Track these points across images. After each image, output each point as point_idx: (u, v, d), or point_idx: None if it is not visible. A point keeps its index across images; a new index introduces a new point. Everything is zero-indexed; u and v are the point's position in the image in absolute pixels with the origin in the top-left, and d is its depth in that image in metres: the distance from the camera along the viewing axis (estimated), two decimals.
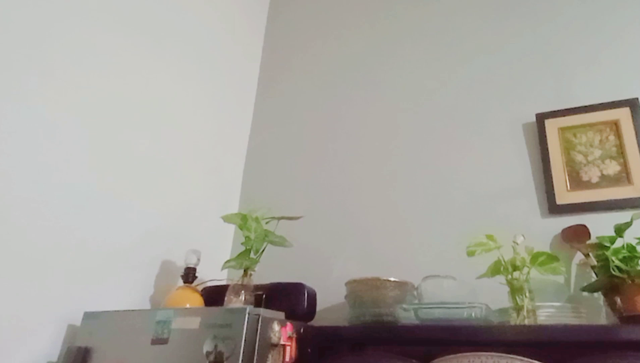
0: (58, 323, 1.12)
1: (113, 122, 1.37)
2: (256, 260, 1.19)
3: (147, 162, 1.48)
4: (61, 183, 1.20)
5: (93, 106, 1.32)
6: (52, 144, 1.19)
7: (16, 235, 1.08)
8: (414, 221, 1.60)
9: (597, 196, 1.41)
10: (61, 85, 1.23)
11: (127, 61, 1.45)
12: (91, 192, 1.28)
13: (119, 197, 1.36)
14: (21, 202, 1.10)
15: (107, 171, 1.33)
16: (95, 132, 1.31)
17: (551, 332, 1.04)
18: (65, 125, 1.23)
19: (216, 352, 0.98)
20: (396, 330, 1.15)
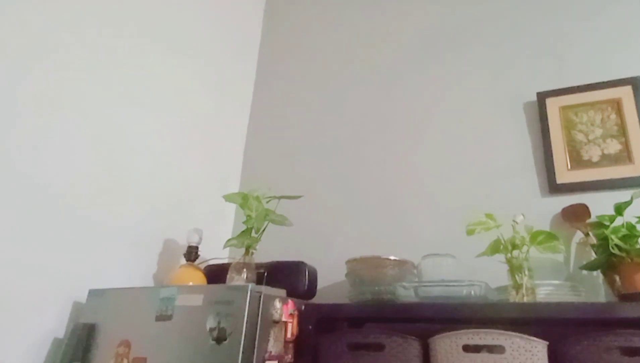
0: (63, 301, 1.15)
1: (113, 102, 1.37)
2: (257, 238, 1.20)
3: (149, 142, 1.49)
4: (64, 162, 1.21)
5: (93, 87, 1.31)
6: (55, 124, 1.19)
7: (20, 215, 1.09)
8: (414, 200, 1.61)
9: (598, 175, 1.41)
10: (64, 67, 1.22)
11: (127, 43, 1.44)
12: (94, 172, 1.29)
13: (121, 177, 1.37)
14: (25, 182, 1.11)
15: (109, 151, 1.34)
16: (96, 112, 1.31)
17: (550, 310, 1.05)
18: (68, 105, 1.23)
19: (219, 328, 1.00)
20: (396, 307, 1.16)
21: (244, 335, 0.98)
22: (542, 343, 1.05)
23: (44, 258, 1.13)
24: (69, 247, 1.19)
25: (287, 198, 1.25)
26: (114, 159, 1.36)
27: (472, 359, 1.07)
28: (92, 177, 1.28)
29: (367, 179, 1.71)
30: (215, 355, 0.98)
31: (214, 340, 0.99)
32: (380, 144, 1.75)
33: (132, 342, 1.04)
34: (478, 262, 1.29)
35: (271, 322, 1.08)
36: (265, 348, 1.05)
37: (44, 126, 1.17)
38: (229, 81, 1.95)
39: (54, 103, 1.20)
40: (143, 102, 1.48)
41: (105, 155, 1.33)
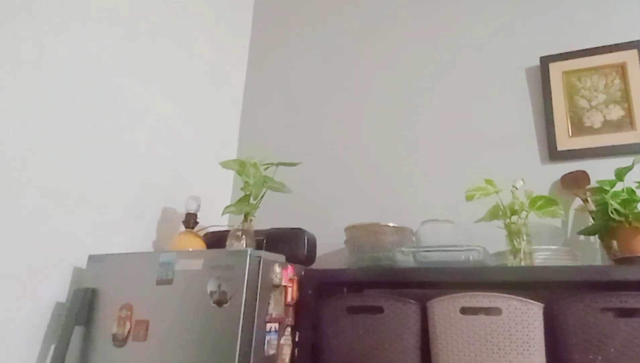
0: (64, 267, 1.16)
1: (108, 72, 1.36)
2: (256, 205, 1.20)
3: (145, 110, 1.47)
4: (63, 131, 1.20)
5: (89, 56, 1.29)
6: (51, 94, 1.18)
7: (21, 183, 1.09)
8: (413, 167, 1.60)
9: (599, 141, 1.40)
10: (57, 34, 1.20)
11: (120, 11, 1.40)
12: (91, 139, 1.28)
13: (118, 145, 1.36)
14: (25, 150, 1.11)
15: (106, 119, 1.33)
16: (92, 82, 1.30)
17: (546, 273, 1.06)
18: (65, 74, 1.22)
19: (219, 291, 1.01)
20: (394, 272, 1.17)
21: (245, 298, 0.99)
22: (538, 305, 1.07)
23: (44, 225, 1.13)
24: (68, 215, 1.19)
25: (285, 164, 1.24)
26: (111, 127, 1.35)
27: (470, 321, 1.09)
28: (89, 145, 1.28)
29: (367, 146, 1.70)
30: (216, 318, 0.99)
31: (215, 303, 1.00)
32: (379, 111, 1.73)
33: (134, 306, 1.05)
34: (477, 228, 1.30)
35: (271, 286, 1.10)
36: (266, 311, 1.07)
37: (41, 95, 1.15)
38: (224, 46, 1.91)
39: (50, 71, 1.18)
40: (138, 70, 1.46)
41: (103, 123, 1.32)
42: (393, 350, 1.12)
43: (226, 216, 1.63)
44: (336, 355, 1.15)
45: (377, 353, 1.12)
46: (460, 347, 1.09)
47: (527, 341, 1.05)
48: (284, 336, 1.12)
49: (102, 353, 1.05)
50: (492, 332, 1.07)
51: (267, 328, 1.06)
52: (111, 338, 1.05)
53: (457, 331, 1.10)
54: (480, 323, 1.08)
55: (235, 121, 1.93)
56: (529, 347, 1.05)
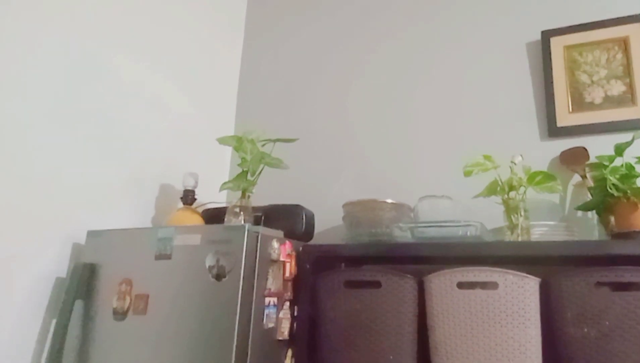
0: (63, 242, 1.17)
1: (105, 49, 1.34)
2: (253, 181, 1.20)
3: (141, 86, 1.46)
4: (60, 108, 1.20)
5: (85, 33, 1.28)
6: (48, 71, 1.17)
7: (18, 159, 1.08)
8: (411, 143, 1.60)
9: (600, 117, 1.39)
10: (51, 11, 1.18)
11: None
12: (89, 116, 1.28)
13: (114, 121, 1.36)
14: (23, 128, 1.10)
15: (103, 96, 1.32)
16: (88, 59, 1.29)
17: (543, 248, 1.07)
18: (60, 52, 1.21)
19: (218, 266, 1.02)
20: (392, 247, 1.18)
21: (243, 272, 1.00)
22: (534, 280, 1.08)
23: (42, 200, 1.13)
24: (66, 191, 1.20)
25: (282, 141, 1.23)
26: (107, 104, 1.34)
27: (466, 295, 1.10)
28: (86, 122, 1.27)
29: (365, 122, 1.69)
30: (215, 291, 1.00)
31: (213, 277, 1.01)
32: (378, 86, 1.71)
33: (133, 280, 1.06)
34: (475, 204, 1.30)
35: (269, 261, 1.10)
36: (265, 285, 1.08)
37: (37, 71, 1.14)
38: (220, 23, 1.88)
39: (46, 49, 1.16)
40: (133, 46, 1.44)
41: (100, 100, 1.31)
42: (390, 324, 1.13)
43: (224, 193, 1.63)
44: (334, 328, 1.17)
45: (375, 327, 1.14)
46: (457, 321, 1.10)
47: (523, 314, 1.07)
48: (282, 310, 1.14)
49: (103, 326, 1.07)
50: (488, 305, 1.09)
51: (265, 302, 1.07)
52: (111, 312, 1.06)
53: (454, 305, 1.11)
54: (476, 297, 1.10)
55: (232, 98, 1.91)
56: (524, 320, 1.06)
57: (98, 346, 1.06)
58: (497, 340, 1.06)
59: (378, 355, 1.12)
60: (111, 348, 1.05)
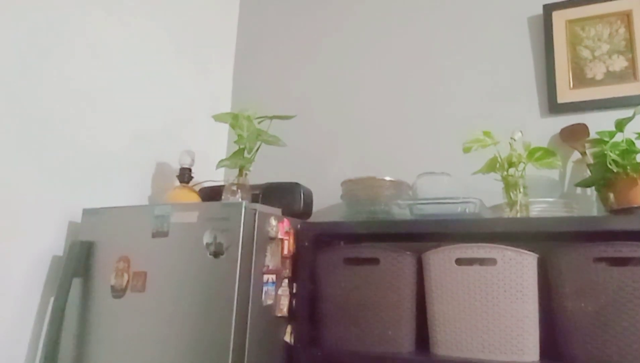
0: (59, 220, 1.16)
1: (100, 23, 1.31)
2: (250, 159, 1.18)
3: (136, 63, 1.44)
4: (54, 85, 1.18)
5: (80, 8, 1.25)
6: (42, 48, 1.15)
7: (11, 136, 1.07)
8: (410, 120, 1.58)
9: (601, 93, 1.37)
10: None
11: None
12: (83, 93, 1.26)
13: (108, 99, 1.34)
14: (16, 104, 1.08)
15: (97, 72, 1.30)
16: (83, 35, 1.26)
17: (541, 224, 1.07)
18: (55, 28, 1.18)
19: (216, 243, 1.01)
20: (391, 224, 1.17)
21: (241, 249, 1.00)
22: (532, 256, 1.08)
23: (37, 179, 1.12)
24: (61, 169, 1.18)
25: (279, 118, 1.22)
26: (102, 81, 1.32)
27: (465, 272, 1.11)
28: (80, 99, 1.25)
29: (363, 99, 1.66)
30: (213, 268, 1.00)
31: (211, 254, 1.01)
32: (376, 62, 1.68)
33: (130, 258, 1.06)
34: (474, 182, 1.29)
35: (267, 239, 1.10)
36: (263, 262, 1.08)
37: (31, 49, 1.12)
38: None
39: (40, 26, 1.14)
40: (129, 22, 1.41)
41: (94, 77, 1.29)
42: (389, 300, 1.14)
43: (222, 172, 1.61)
44: (333, 304, 1.18)
45: (373, 303, 1.14)
46: (455, 296, 1.11)
47: (521, 290, 1.07)
48: (281, 287, 1.14)
49: (102, 303, 1.07)
50: (487, 281, 1.09)
51: (264, 280, 1.07)
52: (110, 290, 1.06)
53: (452, 281, 1.11)
54: (475, 274, 1.10)
55: (228, 75, 1.87)
56: (522, 296, 1.07)
57: (97, 323, 1.06)
58: (495, 315, 1.07)
59: (377, 330, 1.13)
60: (111, 325, 1.05)
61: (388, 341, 1.12)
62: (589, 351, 0.99)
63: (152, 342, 1.01)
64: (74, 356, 1.07)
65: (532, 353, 1.04)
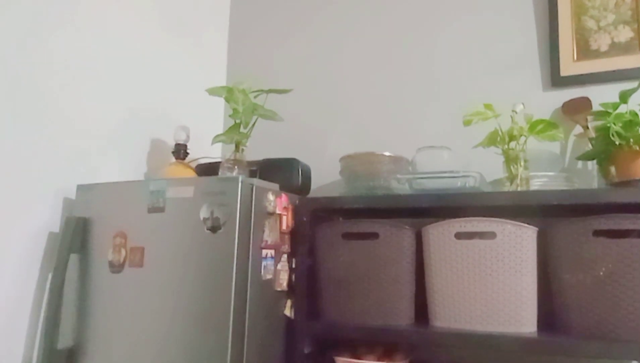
0: (53, 197, 1.15)
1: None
2: (247, 134, 1.16)
3: (129, 38, 1.40)
4: (47, 60, 1.15)
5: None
6: (35, 23, 1.12)
7: (7, 113, 1.05)
8: (410, 93, 1.55)
9: (605, 65, 1.34)
10: None
11: None
12: (76, 69, 1.23)
13: (103, 73, 1.31)
14: (10, 81, 1.06)
15: (91, 47, 1.28)
16: (75, 10, 1.23)
17: (542, 197, 1.05)
18: (46, 4, 1.16)
19: (213, 217, 1.00)
20: (390, 199, 1.16)
21: (238, 223, 0.99)
22: (532, 229, 1.08)
23: (31, 155, 1.11)
24: (54, 145, 1.17)
25: (275, 91, 1.19)
26: (96, 55, 1.29)
27: (464, 245, 1.10)
28: (73, 73, 1.22)
29: (362, 73, 1.63)
30: (211, 243, 1.00)
31: (208, 229, 1.00)
32: (374, 35, 1.64)
33: (127, 233, 1.05)
34: (474, 156, 1.28)
35: (265, 214, 1.09)
36: (261, 237, 1.07)
37: (26, 23, 1.09)
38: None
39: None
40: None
41: (88, 52, 1.27)
42: (388, 274, 1.14)
43: (218, 148, 1.59)
44: (332, 279, 1.18)
45: (372, 277, 1.14)
46: (454, 270, 1.11)
47: (520, 263, 1.07)
48: (280, 262, 1.14)
49: (100, 279, 1.07)
50: (486, 254, 1.09)
51: (262, 254, 1.07)
52: (107, 265, 1.06)
53: (451, 255, 1.11)
54: (474, 247, 1.10)
55: (223, 48, 1.83)
56: (521, 269, 1.07)
57: (97, 298, 1.07)
58: (494, 287, 1.07)
59: (376, 304, 1.13)
60: (110, 300, 1.05)
61: (387, 314, 1.13)
62: (587, 323, 0.99)
63: (153, 316, 1.01)
64: (75, 331, 1.07)
65: (529, 324, 1.05)
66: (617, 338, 0.96)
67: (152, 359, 1.00)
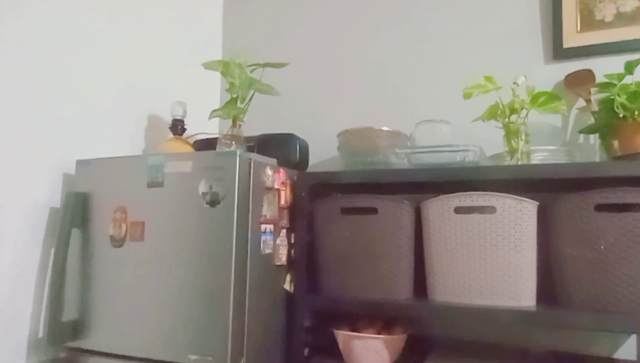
0: (53, 172, 1.16)
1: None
2: (243, 109, 1.15)
3: (123, 13, 1.39)
4: (40, 36, 1.14)
5: None
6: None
7: (4, 89, 1.05)
8: (409, 67, 1.53)
9: (609, 37, 1.31)
10: None
11: None
12: (72, 43, 1.22)
13: (100, 48, 1.31)
14: (7, 56, 1.06)
15: (85, 21, 1.27)
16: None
17: (542, 170, 1.04)
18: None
19: (211, 192, 1.01)
20: (388, 173, 1.16)
21: (237, 198, 0.99)
22: (532, 203, 1.07)
23: (29, 131, 1.11)
24: (53, 121, 1.17)
25: (272, 65, 1.17)
26: (90, 30, 1.28)
27: (463, 220, 1.10)
28: (69, 50, 1.22)
29: (359, 46, 1.60)
30: (210, 217, 1.00)
31: (207, 203, 1.00)
32: (372, 7, 1.60)
33: (127, 208, 1.06)
34: (474, 131, 1.26)
35: (264, 188, 1.09)
36: (260, 212, 1.08)
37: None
38: None
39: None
40: None
41: (82, 26, 1.26)
42: (387, 248, 1.14)
43: (216, 125, 1.59)
44: (331, 254, 1.18)
45: (371, 251, 1.15)
46: (453, 244, 1.10)
47: (520, 237, 1.07)
48: (279, 237, 1.14)
49: (102, 253, 1.08)
50: (485, 229, 1.08)
51: (262, 229, 1.07)
52: (109, 239, 1.07)
53: (451, 229, 1.11)
54: (473, 222, 1.09)
55: (218, 23, 1.81)
56: (520, 243, 1.06)
57: (99, 272, 1.09)
58: (493, 262, 1.07)
59: (375, 279, 1.14)
60: (113, 274, 1.07)
61: (386, 288, 1.13)
62: (586, 296, 0.99)
63: (155, 290, 1.03)
64: (79, 304, 1.09)
65: (528, 298, 1.05)
66: (616, 311, 0.96)
67: (154, 332, 1.02)
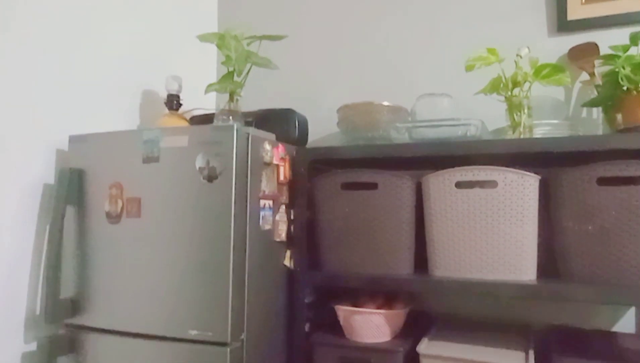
0: (46, 149, 1.13)
1: None
2: (241, 83, 1.12)
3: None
4: (37, 11, 1.11)
5: None
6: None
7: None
8: (410, 40, 1.49)
9: (615, 8, 1.28)
10: None
11: None
12: (66, 20, 1.19)
13: (93, 22, 1.27)
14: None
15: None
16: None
17: (544, 143, 1.03)
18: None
19: (209, 167, 0.98)
20: (389, 148, 1.14)
21: (235, 173, 0.97)
22: (534, 177, 1.06)
23: (21, 106, 1.08)
24: (45, 96, 1.14)
25: (268, 38, 1.14)
26: (84, 5, 1.25)
27: (465, 195, 1.09)
28: (62, 25, 1.18)
29: (359, 20, 1.56)
30: (208, 193, 0.98)
31: (205, 178, 0.98)
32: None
33: (123, 184, 1.04)
34: (476, 105, 1.24)
35: (262, 164, 1.07)
36: (259, 188, 1.06)
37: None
38: None
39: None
40: None
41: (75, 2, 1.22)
42: (388, 224, 1.13)
43: (212, 100, 1.56)
44: (331, 229, 1.17)
45: (372, 227, 1.13)
46: (455, 219, 1.09)
47: (521, 211, 1.06)
48: (278, 213, 1.13)
49: (98, 229, 1.07)
50: (487, 203, 1.07)
51: (261, 205, 1.06)
52: (105, 216, 1.05)
53: (452, 204, 1.10)
54: (475, 196, 1.08)
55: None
56: (522, 217, 1.06)
57: (96, 248, 1.07)
58: (494, 236, 1.06)
59: (376, 254, 1.13)
60: (109, 251, 1.06)
61: (387, 264, 1.13)
62: (588, 269, 0.99)
63: (153, 267, 1.02)
64: (76, 280, 1.08)
65: (530, 272, 1.04)
66: (618, 284, 0.95)
67: (153, 308, 1.01)
